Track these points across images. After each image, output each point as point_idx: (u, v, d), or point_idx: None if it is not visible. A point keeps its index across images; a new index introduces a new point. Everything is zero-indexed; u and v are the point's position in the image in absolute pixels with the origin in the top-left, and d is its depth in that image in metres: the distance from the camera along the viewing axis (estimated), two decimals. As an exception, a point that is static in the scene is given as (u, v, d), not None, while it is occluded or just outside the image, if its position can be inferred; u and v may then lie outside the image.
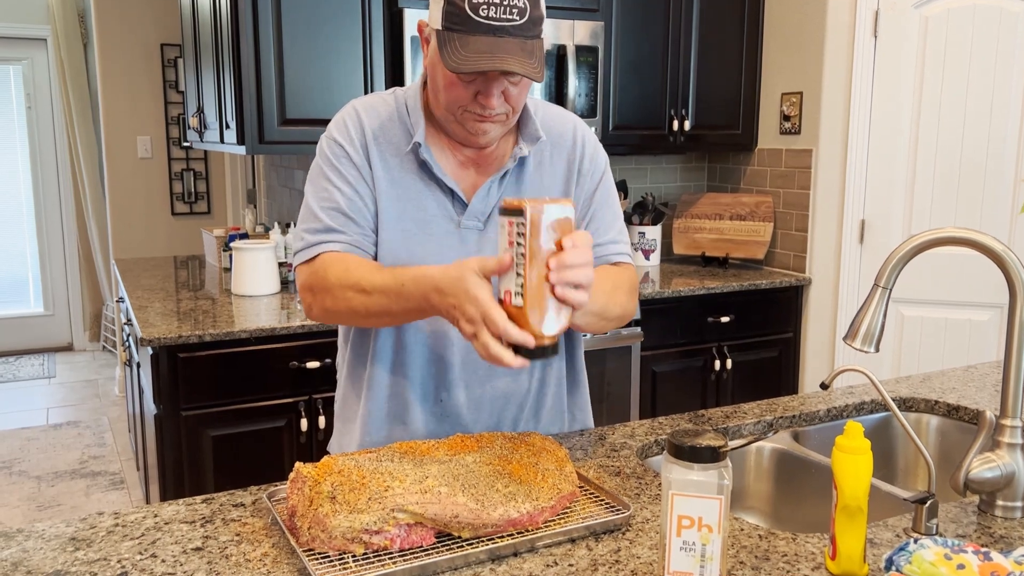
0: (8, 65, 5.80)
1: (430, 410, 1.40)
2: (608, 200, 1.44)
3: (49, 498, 3.65)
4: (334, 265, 1.29)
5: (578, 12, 3.19)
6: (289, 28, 2.77)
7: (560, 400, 1.49)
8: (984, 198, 3.16)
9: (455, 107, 1.27)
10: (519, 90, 1.26)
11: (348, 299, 1.26)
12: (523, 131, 1.37)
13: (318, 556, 1.03)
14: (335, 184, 1.33)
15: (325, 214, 1.33)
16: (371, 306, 1.24)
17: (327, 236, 1.32)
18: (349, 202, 1.33)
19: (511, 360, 1.08)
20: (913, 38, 3.18)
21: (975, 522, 1.19)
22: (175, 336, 2.41)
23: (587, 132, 1.45)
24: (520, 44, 1.19)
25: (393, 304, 1.22)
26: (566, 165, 1.42)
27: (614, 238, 1.43)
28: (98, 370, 5.64)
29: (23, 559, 1.07)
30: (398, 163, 1.35)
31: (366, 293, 1.24)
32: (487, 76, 1.22)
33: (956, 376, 1.89)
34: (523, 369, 1.41)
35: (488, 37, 1.17)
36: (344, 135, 1.35)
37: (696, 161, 4.00)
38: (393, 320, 1.29)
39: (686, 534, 0.94)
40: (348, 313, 1.28)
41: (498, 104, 1.25)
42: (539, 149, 1.39)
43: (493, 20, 1.17)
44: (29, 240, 6.04)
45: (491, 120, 1.27)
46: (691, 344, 3.28)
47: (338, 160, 1.34)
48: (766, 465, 1.57)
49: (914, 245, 1.21)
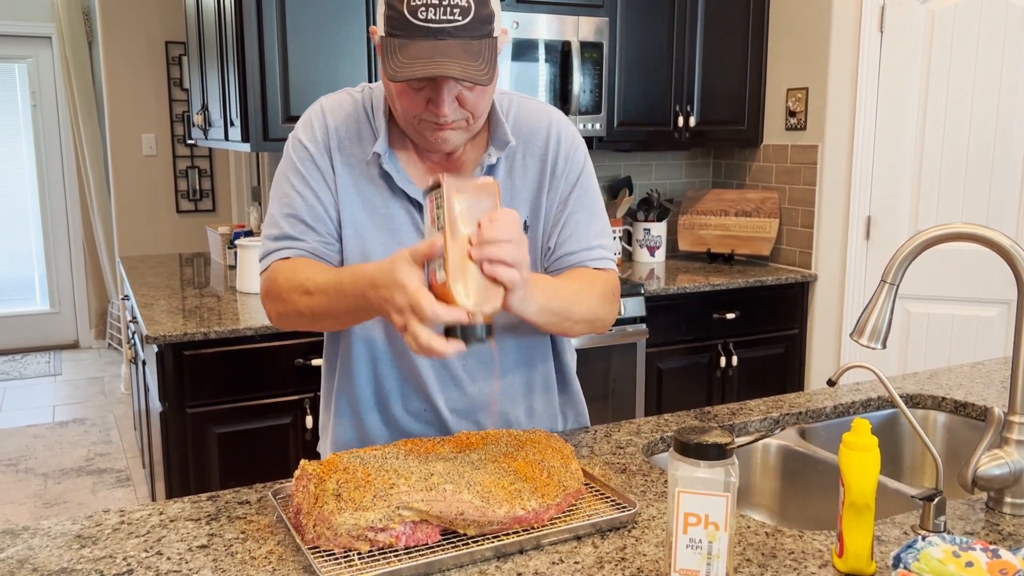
0: (13, 63, 5.81)
1: (412, 420, 1.38)
2: (586, 202, 1.36)
3: (55, 495, 3.66)
4: (284, 270, 1.27)
5: (583, 8, 3.18)
6: (293, 25, 2.77)
7: (551, 404, 1.46)
8: (991, 193, 3.14)
9: (410, 116, 1.21)
10: (475, 94, 1.19)
11: (294, 302, 1.24)
12: (492, 135, 1.31)
13: (323, 554, 1.03)
14: (296, 188, 1.30)
15: (285, 221, 1.30)
16: (314, 307, 1.21)
17: (284, 243, 1.30)
18: (309, 208, 1.29)
19: (443, 348, 1.02)
20: (919, 33, 3.17)
21: (983, 519, 1.19)
22: (180, 333, 2.41)
23: (564, 129, 1.36)
24: (463, 46, 1.11)
25: (334, 303, 1.19)
26: (539, 166, 1.34)
27: (591, 243, 1.34)
28: (104, 367, 5.65)
29: (29, 556, 1.07)
30: (364, 169, 1.31)
31: (309, 294, 1.22)
32: (436, 82, 1.15)
33: (963, 372, 1.88)
34: (505, 376, 1.38)
35: (428, 41, 1.11)
36: (309, 136, 1.32)
37: (701, 157, 3.99)
38: (337, 322, 1.25)
39: (692, 531, 0.93)
40: (296, 316, 1.26)
41: (451, 111, 1.18)
42: (511, 152, 1.33)
43: (432, 22, 1.10)
44: (35, 238, 6.05)
45: (449, 128, 1.21)
46: (697, 341, 3.27)
47: (302, 163, 1.31)
48: (772, 462, 1.56)
49: (921, 241, 1.20)
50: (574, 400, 1.52)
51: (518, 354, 1.39)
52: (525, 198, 1.34)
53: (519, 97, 1.38)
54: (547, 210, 1.35)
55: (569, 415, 1.52)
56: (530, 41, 3.04)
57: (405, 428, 1.39)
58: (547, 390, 1.46)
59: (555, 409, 1.48)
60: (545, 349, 1.44)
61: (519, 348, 1.39)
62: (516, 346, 1.39)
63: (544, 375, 1.45)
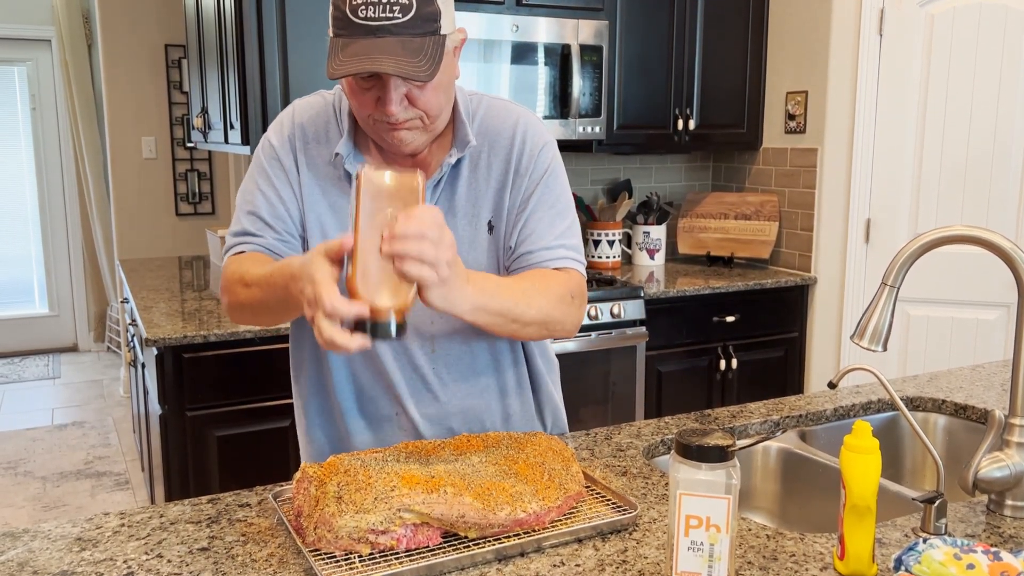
0: (13, 66, 5.81)
1: (383, 427, 1.38)
2: (548, 200, 1.32)
3: (54, 498, 3.66)
4: (234, 264, 1.29)
5: (582, 11, 3.18)
6: (293, 28, 2.77)
7: (528, 409, 1.45)
8: (991, 196, 3.15)
9: (364, 116, 1.22)
10: (426, 94, 1.18)
11: (236, 293, 1.26)
12: (455, 136, 1.31)
13: (324, 556, 1.03)
14: (260, 187, 1.32)
15: (246, 218, 1.32)
16: (252, 299, 1.23)
17: (242, 239, 1.32)
18: (271, 208, 1.31)
19: (346, 342, 1.01)
20: (919, 36, 3.18)
21: (984, 522, 1.19)
22: (180, 336, 2.41)
23: (531, 128, 1.34)
24: (402, 43, 1.12)
25: (267, 296, 1.20)
26: (503, 165, 1.33)
27: (551, 243, 1.31)
28: (103, 371, 5.64)
29: (29, 559, 1.06)
30: (328, 170, 1.32)
31: (247, 286, 1.23)
32: (382, 81, 1.16)
33: (963, 375, 1.88)
34: (478, 382, 1.37)
35: (367, 39, 1.12)
36: (277, 135, 1.34)
37: (701, 160, 3.99)
38: (274, 316, 1.25)
39: (694, 534, 0.93)
40: (239, 308, 1.27)
41: (400, 110, 1.18)
42: (476, 151, 1.32)
43: (371, 20, 1.11)
44: (34, 241, 6.05)
45: (404, 127, 1.20)
46: (696, 344, 3.27)
47: (268, 161, 1.33)
48: (773, 465, 1.56)
49: (922, 243, 1.20)
50: (551, 408, 1.50)
51: (489, 356, 1.38)
52: (488, 197, 1.33)
53: (489, 98, 1.37)
54: (509, 209, 1.33)
55: (548, 421, 1.51)
56: (530, 44, 3.05)
57: (377, 433, 1.39)
58: (521, 394, 1.44)
59: (531, 414, 1.46)
60: (516, 352, 1.42)
61: (489, 351, 1.38)
62: (487, 348, 1.38)
63: (517, 379, 1.43)
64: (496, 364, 1.40)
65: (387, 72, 1.10)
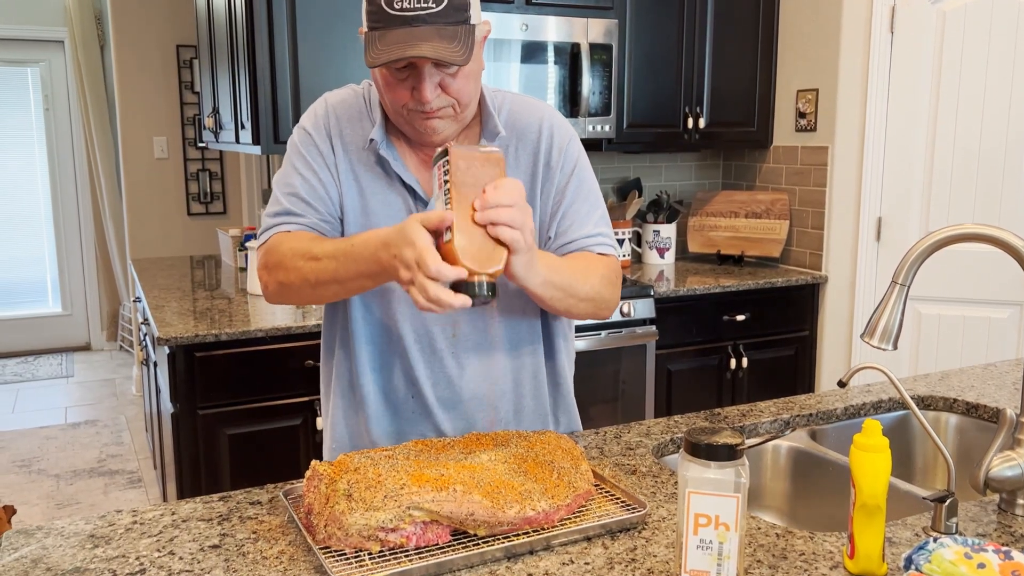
0: (26, 67, 5.85)
1: (398, 409, 1.40)
2: (583, 192, 1.39)
3: (68, 496, 3.68)
4: (287, 240, 1.31)
5: (592, 10, 3.18)
6: (303, 28, 2.78)
7: (541, 403, 1.46)
8: (1003, 194, 3.13)
9: (399, 107, 1.26)
10: (459, 81, 1.24)
11: (299, 268, 1.27)
12: (484, 127, 1.35)
13: (335, 554, 1.04)
14: (298, 171, 1.35)
15: (285, 199, 1.35)
16: (320, 272, 1.25)
17: (284, 218, 1.34)
18: (310, 188, 1.34)
19: (450, 300, 1.07)
20: (930, 33, 3.16)
21: (995, 521, 1.18)
22: (192, 335, 2.42)
23: (557, 123, 1.40)
24: (438, 31, 1.17)
25: (341, 268, 1.22)
26: (531, 159, 1.38)
27: (591, 232, 1.38)
28: (115, 369, 5.68)
29: (43, 556, 1.07)
30: (362, 156, 1.36)
31: (316, 259, 1.25)
32: (418, 69, 1.21)
33: (975, 374, 1.87)
34: (494, 368, 1.39)
35: (403, 29, 1.17)
36: (312, 123, 1.37)
37: (711, 159, 3.99)
38: (341, 289, 1.27)
39: (703, 532, 0.93)
40: (301, 284, 1.28)
41: (434, 97, 1.23)
42: (503, 144, 1.36)
43: (407, 11, 1.16)
44: (47, 241, 6.09)
45: (436, 116, 1.26)
46: (706, 343, 3.27)
47: (304, 147, 1.36)
48: (783, 464, 1.56)
49: (933, 241, 1.20)
50: (565, 406, 1.51)
51: (507, 345, 1.40)
52: None
53: (512, 95, 1.42)
54: (543, 202, 1.38)
55: (562, 420, 1.51)
56: (539, 43, 3.05)
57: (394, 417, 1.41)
58: (536, 388, 1.45)
59: (546, 410, 1.47)
60: (535, 344, 1.43)
61: (508, 340, 1.40)
62: (506, 337, 1.40)
63: (533, 371, 1.44)
64: (514, 353, 1.41)
65: (427, 56, 1.15)
